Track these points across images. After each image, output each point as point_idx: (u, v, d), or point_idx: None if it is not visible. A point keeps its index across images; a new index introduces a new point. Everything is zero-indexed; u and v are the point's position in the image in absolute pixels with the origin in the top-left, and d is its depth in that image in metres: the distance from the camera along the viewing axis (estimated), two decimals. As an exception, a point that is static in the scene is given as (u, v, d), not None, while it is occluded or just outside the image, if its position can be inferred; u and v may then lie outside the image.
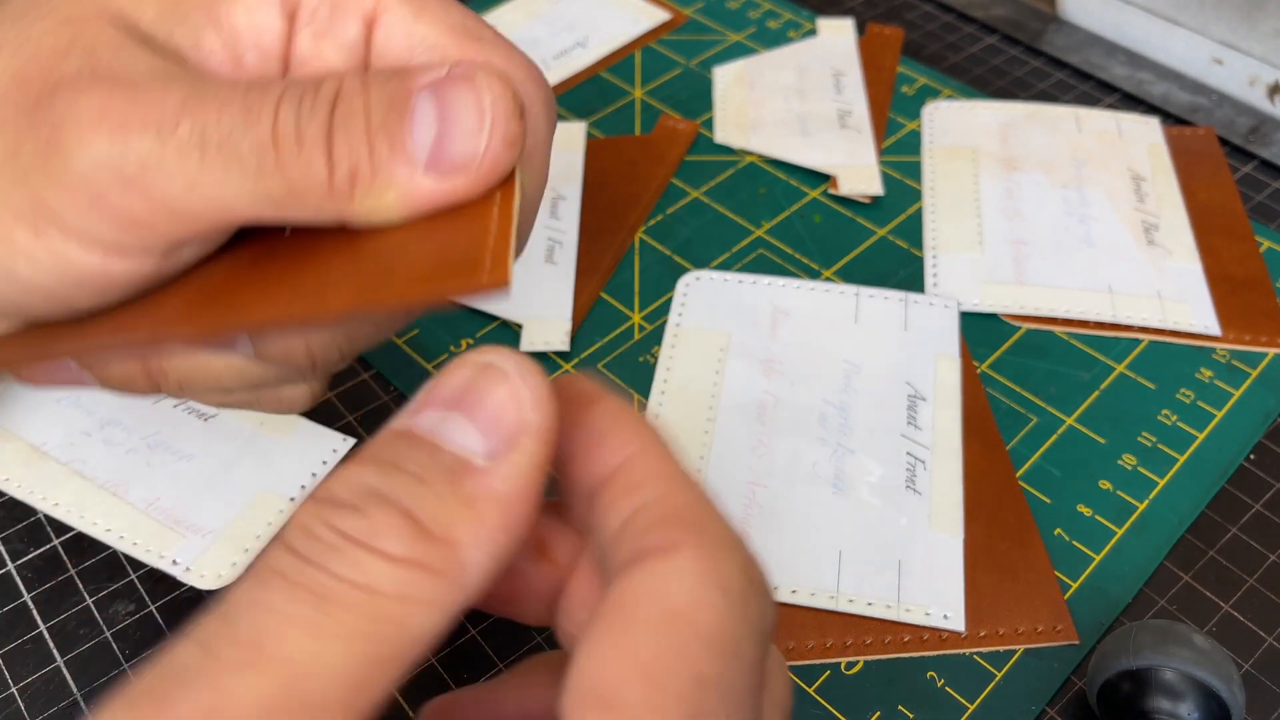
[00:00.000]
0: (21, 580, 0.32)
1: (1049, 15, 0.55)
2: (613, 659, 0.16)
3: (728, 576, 0.16)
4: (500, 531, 0.17)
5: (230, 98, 0.20)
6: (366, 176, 0.20)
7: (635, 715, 0.15)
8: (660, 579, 0.16)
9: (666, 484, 0.18)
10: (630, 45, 0.52)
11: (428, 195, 0.20)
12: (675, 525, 0.17)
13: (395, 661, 0.16)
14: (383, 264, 0.20)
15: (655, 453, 0.18)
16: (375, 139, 0.20)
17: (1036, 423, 0.37)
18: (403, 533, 0.16)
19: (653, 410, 0.37)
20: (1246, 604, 0.32)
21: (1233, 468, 0.36)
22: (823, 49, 0.52)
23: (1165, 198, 0.44)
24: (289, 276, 0.21)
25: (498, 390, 0.17)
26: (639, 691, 0.15)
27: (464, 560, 0.16)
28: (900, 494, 0.34)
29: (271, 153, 0.19)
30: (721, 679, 0.16)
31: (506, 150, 0.20)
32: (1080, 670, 0.31)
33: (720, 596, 0.16)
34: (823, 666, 0.31)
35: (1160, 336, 0.39)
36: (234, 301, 0.21)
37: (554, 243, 0.42)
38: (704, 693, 0.15)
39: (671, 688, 0.15)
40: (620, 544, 0.17)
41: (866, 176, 0.45)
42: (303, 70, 0.23)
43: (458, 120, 0.20)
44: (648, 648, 0.16)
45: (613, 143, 0.47)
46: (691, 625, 0.16)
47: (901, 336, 0.39)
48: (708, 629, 0.16)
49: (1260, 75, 0.50)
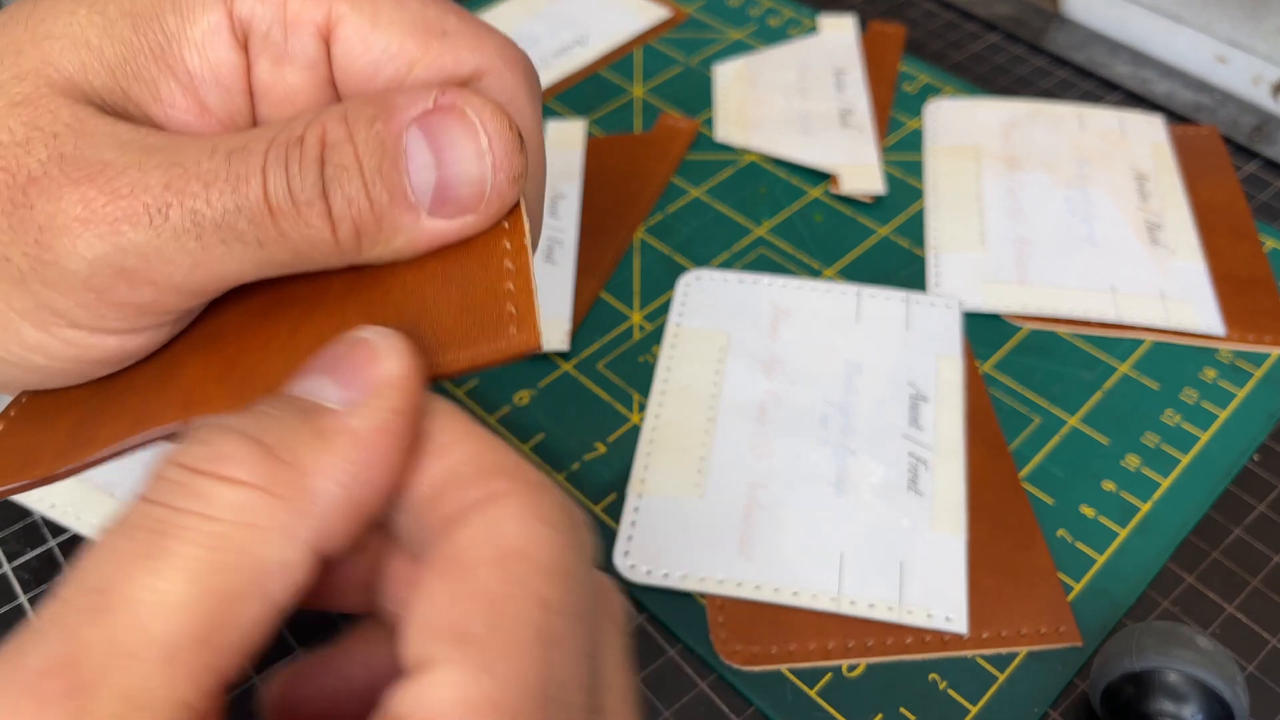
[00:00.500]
0: (18, 581, 0.32)
1: (1052, 13, 0.55)
2: (459, 597, 0.16)
3: (550, 511, 0.17)
4: (352, 464, 0.17)
5: (214, 171, 0.19)
6: (371, 229, 0.19)
7: (489, 643, 0.16)
8: (490, 523, 0.17)
9: (473, 443, 0.18)
10: (630, 43, 0.52)
11: (436, 236, 0.20)
12: (492, 476, 0.18)
13: (248, 596, 0.16)
14: (406, 317, 0.19)
15: (455, 423, 0.18)
16: (373, 190, 0.19)
17: (1039, 423, 0.37)
18: (247, 456, 0.16)
19: (653, 410, 0.36)
20: (1250, 605, 0.32)
21: (1236, 468, 0.35)
22: (824, 47, 0.51)
23: (1169, 197, 0.44)
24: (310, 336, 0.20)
25: (358, 352, 0.18)
26: (490, 621, 0.16)
27: (312, 487, 0.16)
28: (902, 495, 0.34)
29: (270, 223, 0.19)
30: (563, 602, 0.17)
31: (511, 187, 0.20)
32: (1083, 672, 0.31)
33: (548, 530, 0.17)
34: (824, 669, 0.31)
35: (1164, 336, 0.39)
36: (258, 372, 0.20)
37: (554, 242, 0.42)
38: (549, 615, 0.16)
39: (519, 614, 0.16)
40: (437, 504, 0.18)
41: (868, 175, 0.45)
42: (269, 99, 0.22)
43: (457, 162, 0.19)
44: (490, 583, 0.16)
45: (613, 141, 0.47)
46: (527, 558, 0.17)
47: (903, 336, 0.38)
48: (543, 559, 0.17)
49: (1264, 74, 0.49)
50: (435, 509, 0.18)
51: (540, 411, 0.37)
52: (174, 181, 0.19)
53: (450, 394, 0.37)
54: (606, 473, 0.35)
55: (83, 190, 0.19)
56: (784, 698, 0.30)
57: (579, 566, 0.18)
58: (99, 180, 0.19)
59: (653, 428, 0.36)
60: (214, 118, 0.21)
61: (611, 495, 0.35)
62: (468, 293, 0.19)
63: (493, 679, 0.16)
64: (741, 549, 0.33)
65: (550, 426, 0.37)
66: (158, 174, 0.19)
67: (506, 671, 0.16)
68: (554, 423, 0.37)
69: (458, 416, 0.19)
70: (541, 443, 0.36)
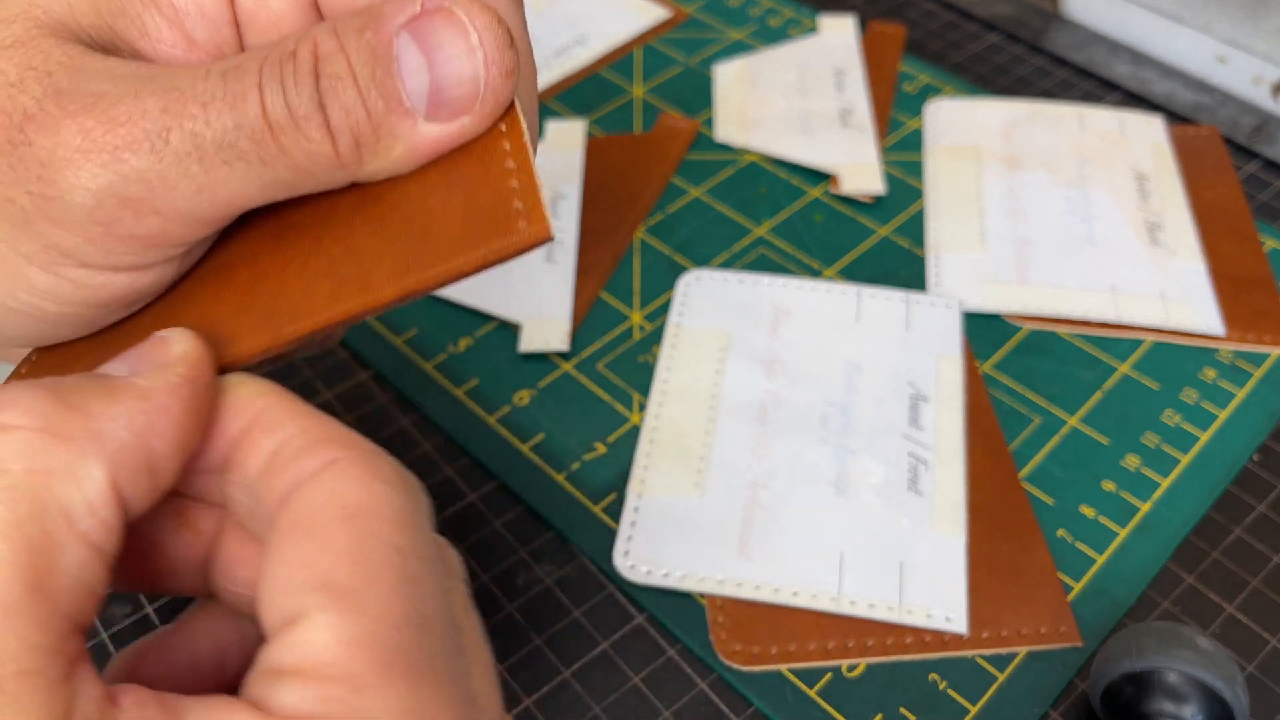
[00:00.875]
0: None
1: (1052, 13, 0.55)
2: (316, 554, 0.17)
3: (386, 473, 0.19)
4: (141, 414, 0.18)
5: (210, 91, 0.19)
6: (370, 139, 0.19)
7: (355, 586, 0.17)
8: (332, 486, 0.18)
9: (304, 419, 0.19)
10: (630, 43, 0.52)
11: (434, 142, 0.20)
12: (326, 445, 0.18)
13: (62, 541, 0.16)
14: (414, 230, 0.20)
15: (285, 402, 0.19)
16: (368, 99, 0.19)
17: (1039, 423, 0.37)
18: (30, 402, 0.17)
19: (653, 410, 0.36)
20: (1250, 605, 0.32)
21: (1236, 468, 0.35)
22: (824, 47, 0.51)
23: (1169, 197, 0.44)
24: (325, 258, 0.20)
25: (150, 344, 0.19)
26: (351, 569, 0.17)
27: (100, 430, 0.17)
28: (902, 495, 0.34)
29: (270, 139, 0.19)
30: (413, 547, 0.18)
31: (505, 82, 0.20)
32: (1083, 672, 0.31)
33: (386, 487, 0.18)
34: (824, 669, 0.31)
35: (1164, 336, 0.39)
36: (279, 306, 0.20)
37: (554, 242, 0.42)
38: (404, 558, 0.18)
39: (377, 559, 0.17)
40: (273, 478, 0.18)
41: (868, 175, 0.45)
42: (255, 28, 0.22)
43: (448, 62, 0.19)
44: (343, 537, 0.17)
45: (613, 141, 0.47)
46: (373, 513, 0.18)
47: (903, 336, 0.38)
48: (387, 513, 0.18)
49: (1264, 74, 0.49)
50: (273, 483, 0.18)
51: (540, 411, 0.37)
52: (171, 105, 0.19)
53: (450, 394, 0.37)
54: (606, 473, 0.35)
55: (80, 121, 0.19)
56: (784, 698, 0.30)
57: (418, 516, 0.19)
58: (96, 110, 0.19)
59: (652, 428, 0.36)
60: (201, 50, 0.22)
61: (611, 495, 0.35)
62: (473, 196, 0.20)
63: (366, 616, 0.17)
64: (741, 549, 0.33)
65: (550, 426, 0.37)
66: (154, 100, 0.19)
67: (377, 609, 0.17)
68: (554, 423, 0.37)
69: (288, 397, 0.19)
70: (541, 443, 0.36)
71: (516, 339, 0.39)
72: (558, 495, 0.35)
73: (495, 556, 0.33)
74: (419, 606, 0.18)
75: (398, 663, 0.17)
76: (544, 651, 0.31)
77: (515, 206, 0.19)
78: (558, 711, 0.30)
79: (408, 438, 0.36)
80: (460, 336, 0.39)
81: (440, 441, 0.36)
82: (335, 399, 0.37)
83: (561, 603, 0.32)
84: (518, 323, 0.39)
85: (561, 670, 0.31)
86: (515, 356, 0.39)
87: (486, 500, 0.35)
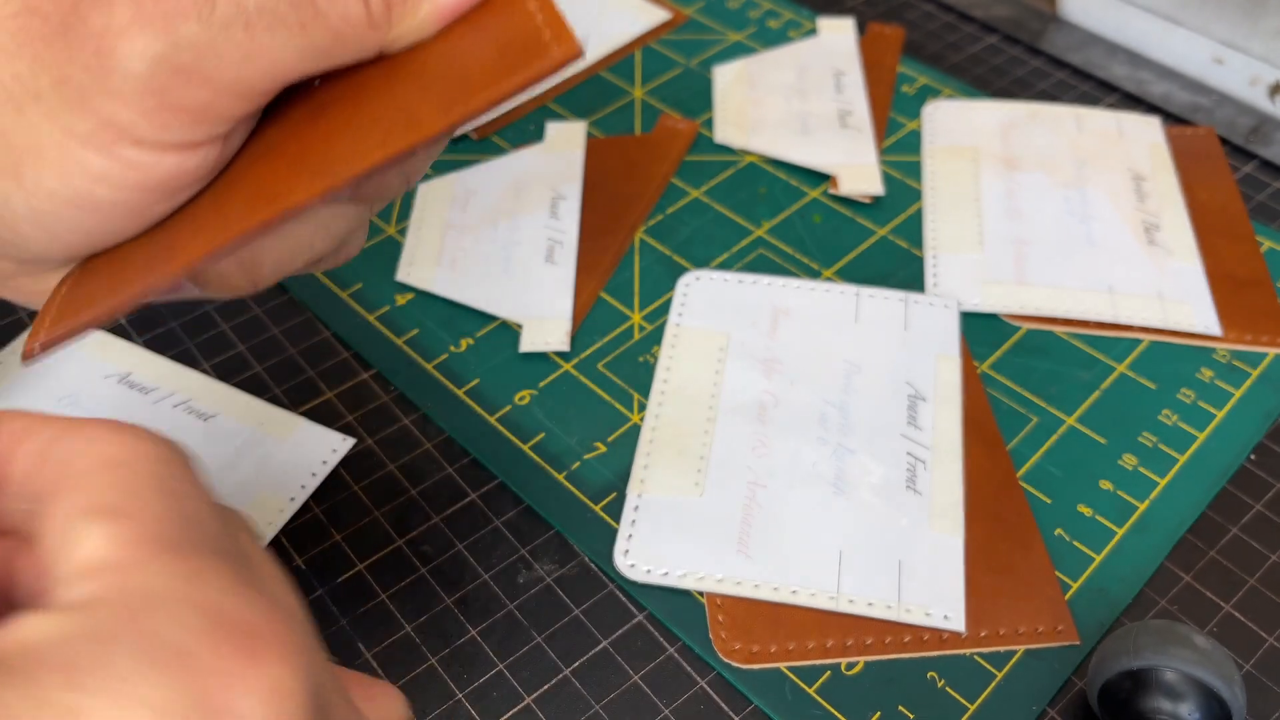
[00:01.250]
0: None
1: (1049, 15, 0.55)
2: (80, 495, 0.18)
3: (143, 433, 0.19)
4: None
5: None
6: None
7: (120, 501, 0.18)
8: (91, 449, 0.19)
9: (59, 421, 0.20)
10: (630, 45, 0.52)
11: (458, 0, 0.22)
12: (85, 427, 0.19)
13: None
14: (452, 75, 0.21)
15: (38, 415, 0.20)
16: None
17: (1037, 423, 0.37)
18: None
19: (653, 410, 0.37)
20: (1247, 604, 0.32)
21: (1233, 468, 0.36)
22: (823, 48, 0.52)
23: (1166, 197, 0.44)
24: (368, 117, 0.21)
25: None
26: (114, 492, 0.18)
27: None
28: (901, 494, 0.34)
29: (309, 3, 0.21)
30: (172, 473, 0.19)
31: None
32: (1081, 671, 0.31)
33: (146, 444, 0.19)
34: (823, 667, 0.31)
35: (1161, 336, 0.39)
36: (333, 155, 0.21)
37: (554, 242, 0.42)
38: (165, 476, 0.19)
39: (138, 480, 0.18)
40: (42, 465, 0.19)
41: (867, 176, 0.45)
42: None
43: None
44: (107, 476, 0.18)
45: (613, 142, 0.47)
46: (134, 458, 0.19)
47: (902, 336, 0.39)
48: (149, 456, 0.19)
49: (1261, 75, 0.50)
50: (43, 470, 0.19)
51: (540, 411, 0.37)
52: None
53: (451, 394, 0.37)
54: (606, 472, 0.35)
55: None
56: (783, 696, 0.30)
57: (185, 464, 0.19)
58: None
59: (652, 427, 0.36)
60: None
61: (611, 495, 0.35)
62: (502, 37, 0.21)
63: (132, 519, 0.18)
64: (741, 548, 0.33)
65: (550, 426, 0.37)
66: None
67: (142, 511, 0.18)
68: (554, 423, 0.37)
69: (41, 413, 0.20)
70: (541, 442, 0.36)
71: (517, 339, 0.39)
72: (558, 494, 0.35)
73: (496, 555, 0.33)
74: (184, 506, 0.18)
75: (167, 547, 0.18)
76: (544, 650, 0.31)
77: (545, 36, 0.21)
78: (558, 709, 0.30)
79: (409, 437, 0.36)
80: (461, 337, 0.39)
81: (441, 441, 0.36)
82: (336, 399, 0.37)
83: (562, 601, 0.32)
84: (518, 323, 0.39)
85: (562, 668, 0.31)
86: (516, 356, 0.39)
87: (487, 499, 0.35)
